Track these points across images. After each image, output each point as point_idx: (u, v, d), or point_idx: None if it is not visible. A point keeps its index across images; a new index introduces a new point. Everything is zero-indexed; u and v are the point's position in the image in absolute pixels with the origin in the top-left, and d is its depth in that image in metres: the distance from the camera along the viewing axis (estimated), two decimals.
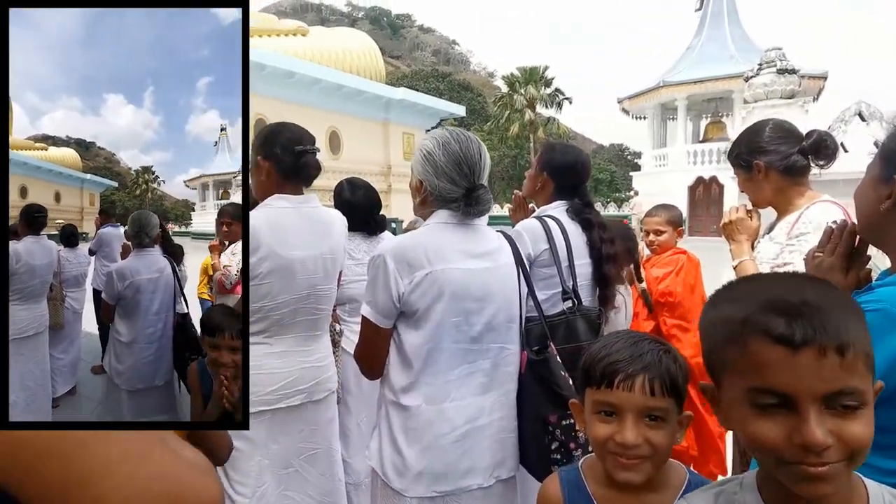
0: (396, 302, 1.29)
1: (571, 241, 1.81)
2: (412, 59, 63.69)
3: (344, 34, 18.74)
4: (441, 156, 1.32)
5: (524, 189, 2.04)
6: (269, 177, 1.64)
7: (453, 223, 1.35)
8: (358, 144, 18.38)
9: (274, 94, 15.02)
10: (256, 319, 1.63)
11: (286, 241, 1.60)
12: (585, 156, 2.02)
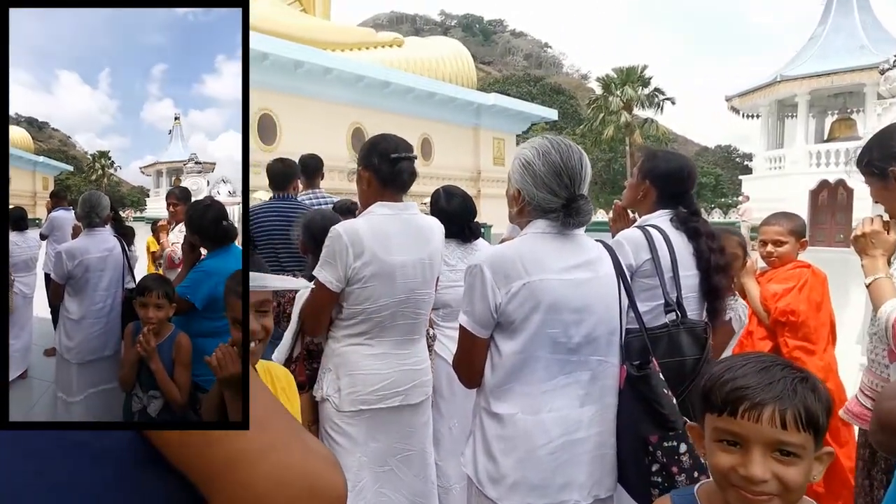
0: (494, 312, 1.29)
1: (676, 252, 1.72)
2: (504, 64, 63.72)
3: (437, 43, 19.17)
4: (541, 165, 1.31)
5: (624, 198, 1.96)
6: (369, 185, 1.74)
7: (552, 233, 1.33)
8: (449, 150, 18.69)
9: (372, 105, 15.73)
10: (359, 321, 1.72)
11: (388, 247, 1.68)
12: (691, 162, 1.92)
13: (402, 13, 75.21)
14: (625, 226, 1.93)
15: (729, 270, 1.81)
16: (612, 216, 2.03)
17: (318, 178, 3.50)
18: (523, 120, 21.35)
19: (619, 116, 29.64)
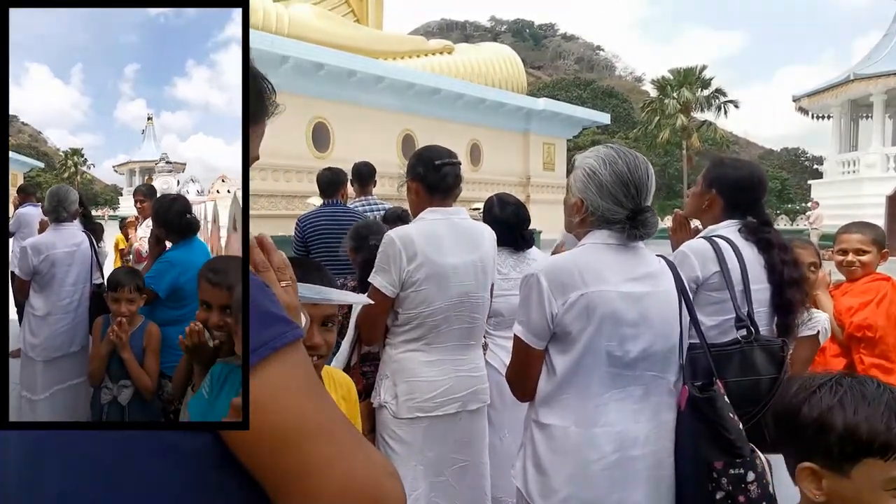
0: (550, 323, 1.27)
1: (747, 264, 1.63)
2: (554, 68, 63.03)
3: (487, 48, 19.21)
4: (607, 175, 1.28)
5: (687, 208, 1.88)
6: (418, 195, 1.77)
7: (612, 244, 1.29)
8: (498, 156, 18.63)
9: (422, 111, 15.92)
10: (414, 326, 1.74)
11: (440, 249, 1.70)
12: (760, 170, 1.82)
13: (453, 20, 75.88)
14: (686, 236, 1.85)
15: (803, 284, 1.70)
16: (672, 226, 1.95)
17: (371, 185, 3.56)
18: (574, 124, 21.01)
19: (675, 119, 28.59)
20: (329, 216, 3.09)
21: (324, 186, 3.18)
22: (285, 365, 0.50)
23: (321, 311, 1.03)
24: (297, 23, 13.52)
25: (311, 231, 3.07)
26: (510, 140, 18.91)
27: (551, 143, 20.35)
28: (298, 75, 13.07)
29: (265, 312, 0.52)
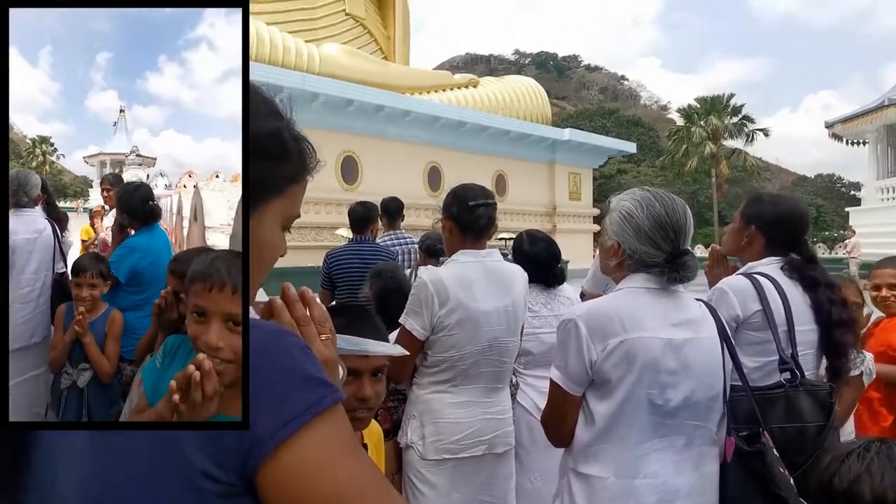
0: (588, 369, 1.24)
1: (791, 303, 1.57)
2: (578, 98, 63.49)
3: (511, 81, 19.50)
4: (644, 218, 1.26)
5: (725, 245, 1.83)
6: (451, 233, 1.77)
7: (651, 288, 1.27)
8: (523, 186, 18.68)
9: (448, 144, 16.17)
10: (443, 369, 1.72)
11: (472, 294, 1.69)
12: (802, 205, 1.77)
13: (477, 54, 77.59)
14: (723, 273, 1.79)
15: (852, 325, 1.62)
16: (709, 261, 1.90)
17: (400, 220, 3.61)
18: (600, 154, 20.99)
19: (703, 147, 28.27)
20: (355, 253, 3.13)
21: (354, 222, 3.23)
22: (326, 429, 0.51)
23: (371, 364, 1.01)
24: (327, 61, 14.03)
25: (337, 267, 3.10)
26: (536, 170, 18.98)
27: (577, 172, 20.33)
28: (329, 111, 13.49)
29: (307, 376, 0.53)
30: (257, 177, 0.56)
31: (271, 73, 12.21)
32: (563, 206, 19.80)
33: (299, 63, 13.39)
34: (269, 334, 0.54)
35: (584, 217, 20.95)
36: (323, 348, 0.64)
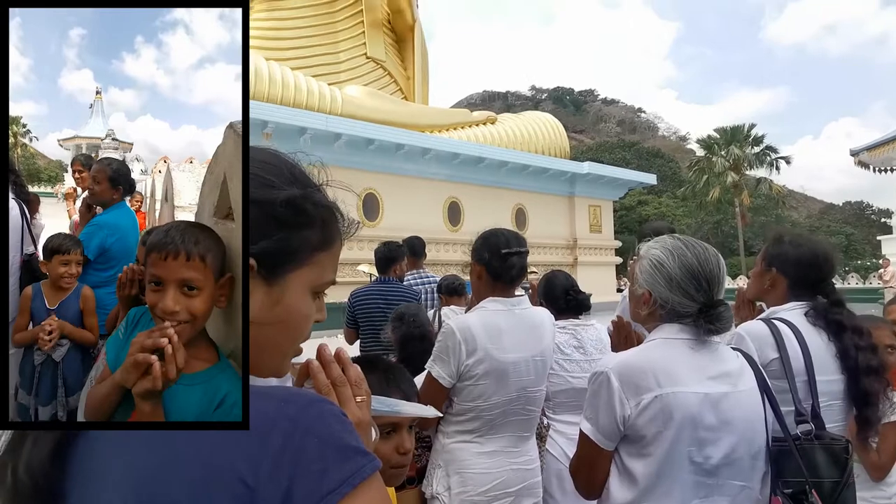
0: (621, 425, 1.19)
1: (812, 352, 1.50)
2: (596, 131, 63.85)
3: (528, 117, 19.75)
4: (676, 268, 1.23)
5: (749, 289, 1.78)
6: (480, 279, 1.75)
7: (685, 339, 1.23)
8: (544, 219, 18.66)
9: (467, 179, 16.34)
10: (470, 418, 1.68)
11: (500, 344, 1.66)
12: (825, 246, 1.70)
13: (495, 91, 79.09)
14: (748, 316, 1.74)
15: (882, 372, 1.53)
16: (735, 304, 1.84)
17: (422, 259, 3.62)
18: (620, 186, 20.93)
19: (725, 177, 28.02)
20: (379, 294, 3.13)
21: (379, 262, 3.25)
22: (365, 499, 0.50)
23: (409, 417, 1.01)
24: (349, 102, 14.47)
25: (361, 307, 3.11)
26: (555, 203, 18.98)
27: (597, 205, 20.26)
28: (350, 150, 13.82)
29: (344, 446, 0.52)
30: (276, 247, 0.56)
31: (296, 116, 12.63)
32: (584, 239, 19.67)
33: (322, 105, 13.84)
34: (303, 406, 0.53)
35: (606, 249, 20.74)
36: (357, 410, 0.64)
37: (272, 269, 0.57)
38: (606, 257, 20.75)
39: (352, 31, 16.36)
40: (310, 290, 0.61)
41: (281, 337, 0.59)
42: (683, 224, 32.52)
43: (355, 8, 16.47)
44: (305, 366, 0.66)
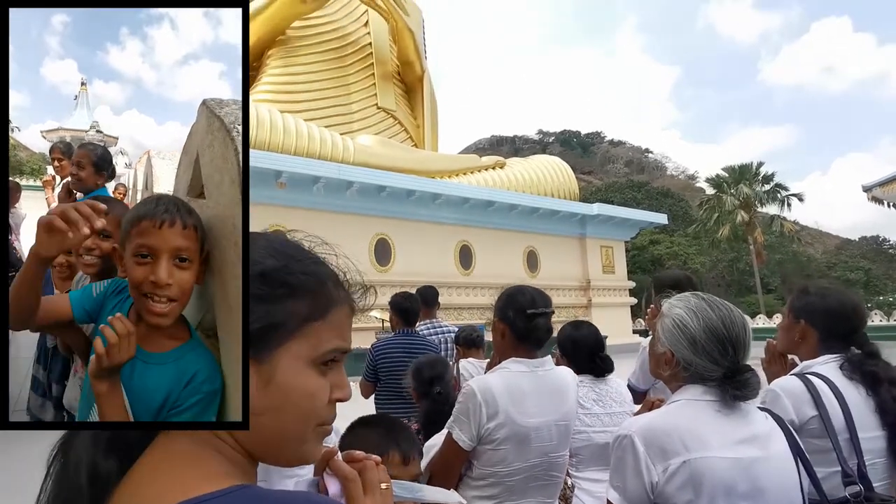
0: (650, 492, 1.13)
1: (851, 406, 1.44)
2: (604, 172, 64.47)
3: (537, 160, 20.04)
4: (699, 330, 1.19)
5: (779, 342, 1.73)
6: (503, 337, 1.71)
7: (710, 400, 1.18)
8: (556, 261, 18.62)
9: (477, 223, 16.47)
10: (490, 483, 1.61)
11: (523, 408, 1.61)
12: (851, 295, 1.66)
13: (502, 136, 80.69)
14: (781, 371, 1.68)
15: None
16: (766, 357, 1.78)
17: (436, 308, 3.59)
18: (631, 226, 20.94)
19: (736, 215, 27.94)
20: (401, 346, 3.10)
21: (400, 314, 3.20)
22: None
23: None
24: (361, 151, 14.84)
25: (383, 360, 3.07)
26: (567, 245, 18.98)
27: (609, 245, 20.22)
28: (362, 197, 14.06)
29: None
30: (258, 323, 0.53)
31: (309, 165, 12.95)
32: (598, 280, 19.53)
33: (335, 154, 14.19)
34: None
35: (620, 290, 20.53)
36: (381, 499, 0.62)
37: (257, 346, 0.53)
38: (621, 298, 20.51)
39: (363, 83, 16.97)
40: (308, 362, 0.55)
41: (287, 421, 0.54)
42: (697, 262, 32.21)
43: (366, 62, 17.14)
44: (327, 454, 0.63)
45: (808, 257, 39.60)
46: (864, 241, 49.02)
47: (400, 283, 14.57)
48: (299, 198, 13.12)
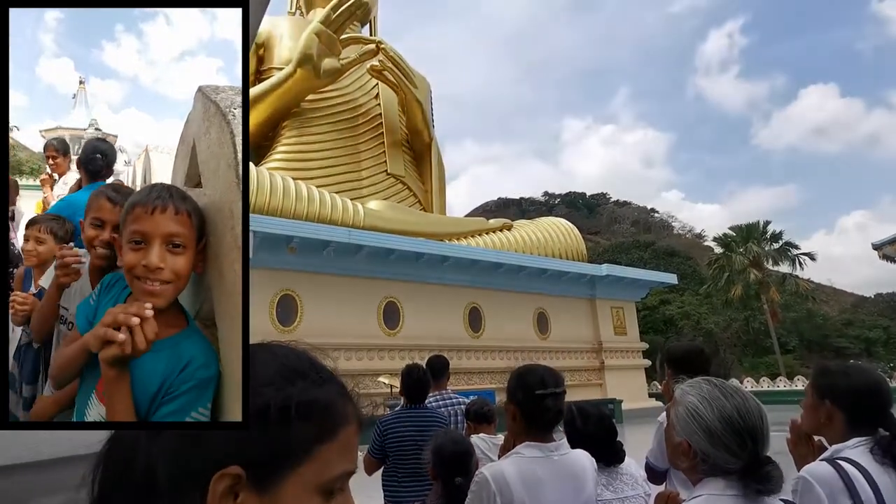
0: None
1: (883, 494, 1.37)
2: (611, 232, 64.85)
3: (544, 222, 20.26)
4: (714, 420, 1.17)
5: (805, 423, 1.68)
6: (515, 420, 1.68)
7: (733, 495, 1.14)
8: (566, 323, 18.40)
9: (486, 285, 16.47)
10: None
11: (538, 496, 1.55)
12: (875, 373, 1.62)
13: (509, 198, 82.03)
14: (808, 453, 1.61)
15: None
16: (791, 437, 1.72)
17: (445, 380, 3.53)
18: (640, 286, 20.79)
19: (747, 274, 27.73)
20: (411, 422, 3.00)
21: (411, 388, 3.09)
22: None
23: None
24: (370, 215, 15.14)
25: (392, 436, 2.97)
26: (577, 307, 18.81)
27: (619, 306, 20.01)
28: (372, 261, 14.20)
29: None
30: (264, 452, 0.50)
31: (319, 230, 13.19)
32: (610, 342, 19.18)
33: (345, 219, 14.48)
34: None
35: (633, 352, 20.10)
36: None
37: (260, 476, 0.50)
38: (634, 360, 20.03)
39: (374, 150, 17.59)
40: (316, 489, 0.52)
41: None
42: (711, 322, 31.62)
43: (377, 131, 17.85)
44: None
45: (824, 316, 38.78)
46: (879, 298, 48.11)
47: (408, 347, 14.41)
48: (309, 262, 13.28)
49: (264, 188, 13.36)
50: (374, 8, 20.11)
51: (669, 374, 2.36)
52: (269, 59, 16.99)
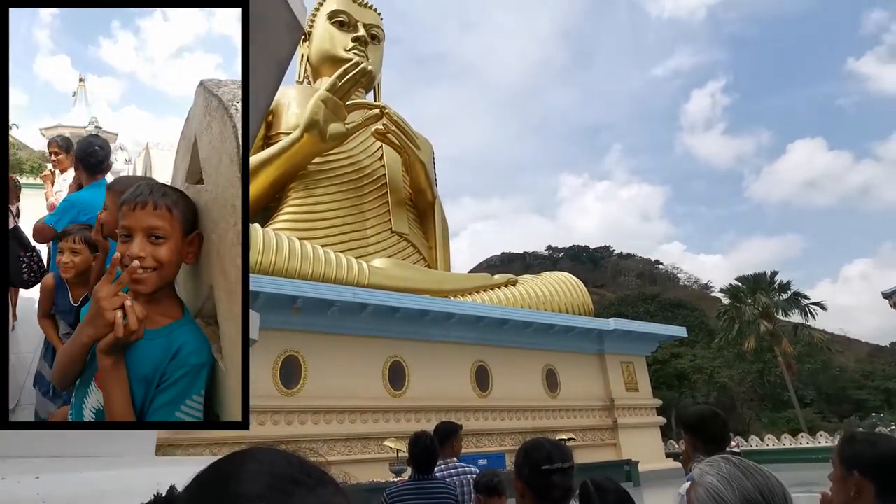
0: None
1: None
2: (616, 285, 64.57)
3: (549, 277, 20.22)
4: (736, 501, 1.11)
5: (835, 497, 1.60)
6: (523, 497, 1.60)
7: None
8: (576, 379, 17.98)
9: (493, 341, 16.22)
10: None
11: None
12: None
13: (513, 253, 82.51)
14: None
15: None
16: None
17: (451, 447, 3.39)
18: (649, 340, 20.42)
19: (758, 325, 27.28)
20: (418, 494, 2.87)
21: (418, 457, 2.97)
22: None
23: None
24: (375, 273, 15.18)
25: None
26: (586, 362, 18.42)
27: (629, 361, 19.58)
28: (376, 319, 14.08)
29: None
30: None
31: (325, 290, 13.18)
32: (622, 399, 18.62)
33: (350, 277, 14.51)
34: None
35: (646, 409, 19.46)
36: None
37: None
38: (648, 417, 19.36)
39: (378, 209, 17.89)
40: None
41: None
42: (725, 376, 30.80)
43: (381, 190, 18.23)
44: None
45: (841, 367, 37.77)
46: (895, 347, 47.04)
47: (415, 409, 14.01)
48: (313, 322, 13.18)
49: (269, 248, 13.49)
50: (378, 75, 21.09)
51: (687, 440, 2.27)
52: (277, 125, 17.65)
